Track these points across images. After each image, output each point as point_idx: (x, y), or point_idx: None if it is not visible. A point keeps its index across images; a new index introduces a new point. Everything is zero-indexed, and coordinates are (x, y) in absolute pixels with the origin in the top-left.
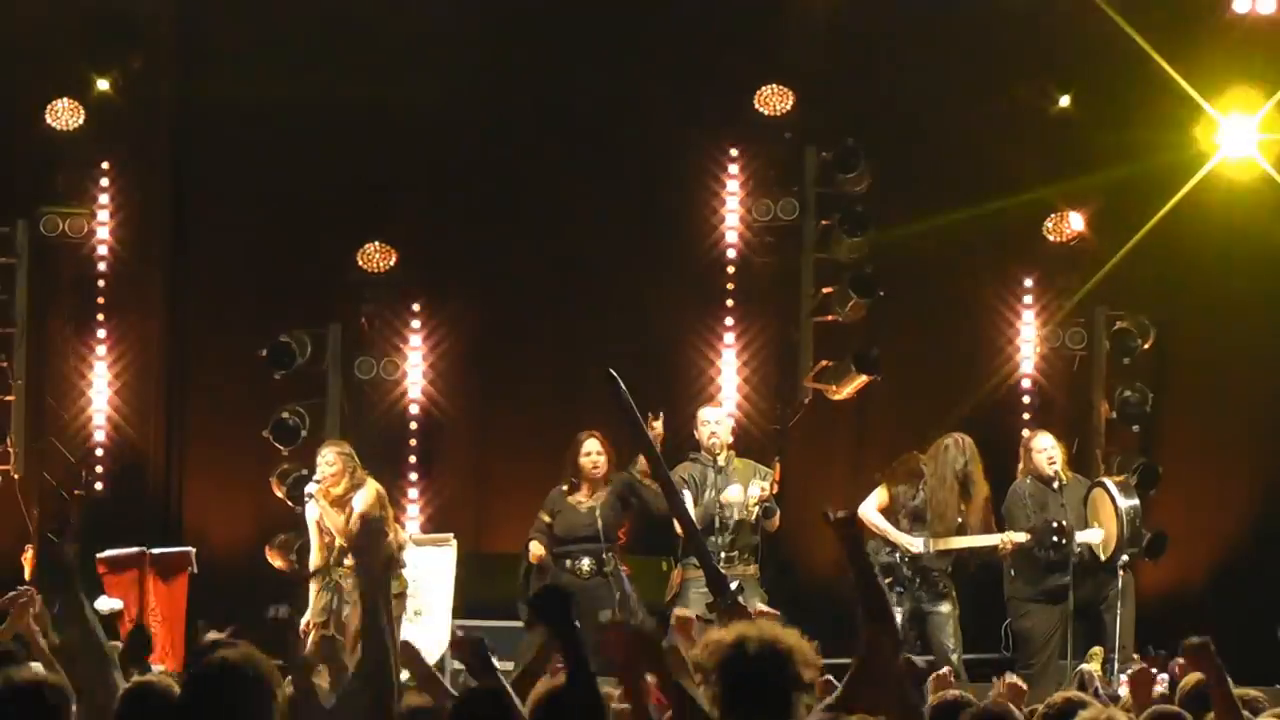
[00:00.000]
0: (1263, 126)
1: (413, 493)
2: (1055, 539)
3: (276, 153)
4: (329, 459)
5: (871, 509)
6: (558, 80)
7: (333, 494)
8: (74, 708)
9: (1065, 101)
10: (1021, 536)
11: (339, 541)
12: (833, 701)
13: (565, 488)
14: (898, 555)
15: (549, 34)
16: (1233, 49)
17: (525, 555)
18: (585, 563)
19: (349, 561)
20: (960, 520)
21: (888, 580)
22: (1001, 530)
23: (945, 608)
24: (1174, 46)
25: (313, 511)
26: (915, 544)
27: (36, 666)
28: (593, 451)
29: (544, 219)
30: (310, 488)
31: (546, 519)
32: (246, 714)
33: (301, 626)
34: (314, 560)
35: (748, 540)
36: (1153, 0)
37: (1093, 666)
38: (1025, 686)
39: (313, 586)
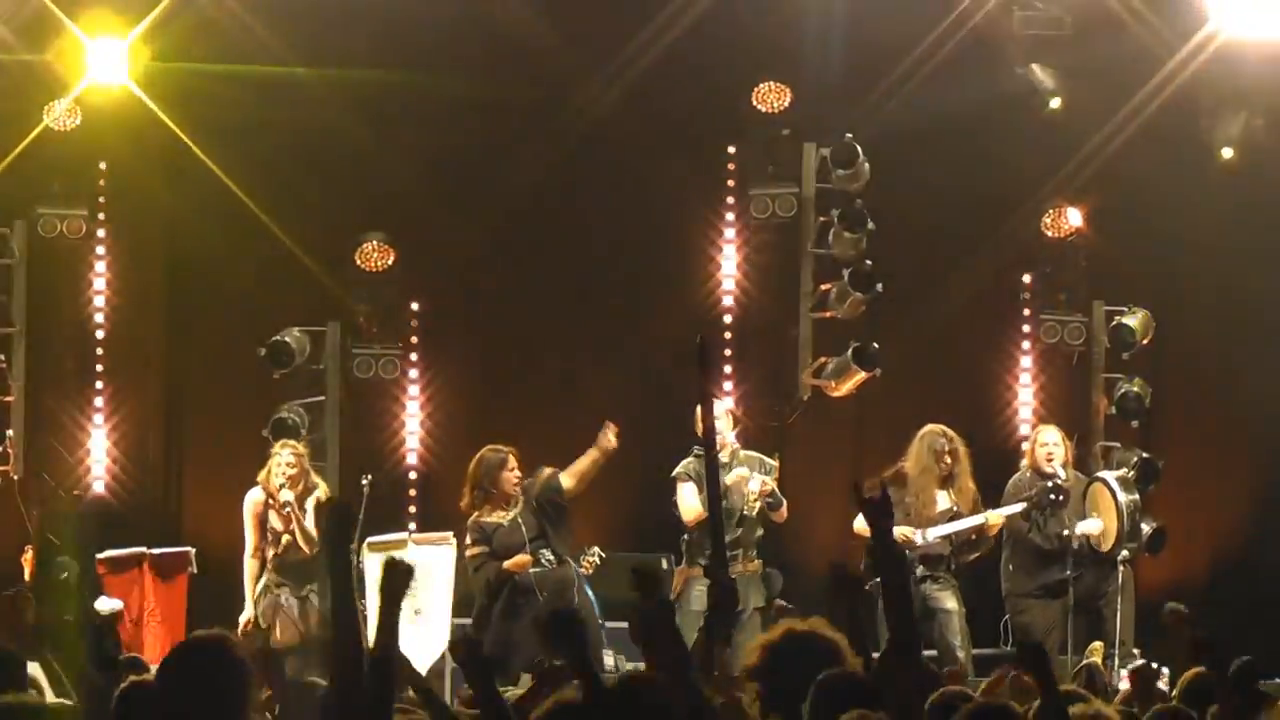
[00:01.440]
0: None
1: (413, 491)
2: (1054, 496)
3: (275, 151)
4: (289, 459)
5: (861, 520)
6: (556, 79)
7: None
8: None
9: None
10: (1018, 506)
11: (303, 544)
12: None
13: (478, 513)
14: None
15: (548, 34)
16: None
17: (497, 577)
18: (547, 553)
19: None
20: (953, 509)
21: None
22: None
23: (951, 604)
24: None
25: (253, 508)
26: (915, 534)
27: (33, 669)
28: (517, 468)
29: (542, 218)
30: (286, 494)
31: (485, 549)
32: (223, 693)
33: (241, 625)
34: (253, 561)
35: (752, 535)
36: None
37: (1094, 660)
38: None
39: (251, 585)
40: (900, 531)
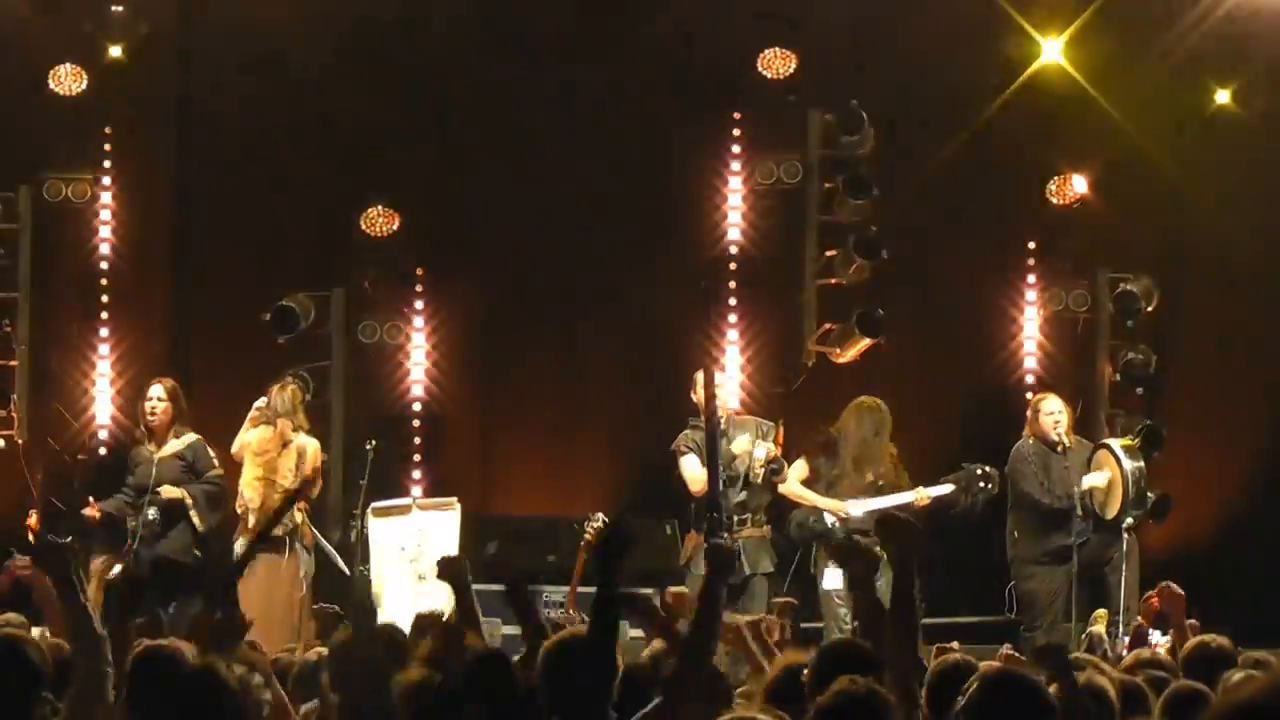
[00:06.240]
0: None
1: (417, 456)
2: (982, 484)
3: (280, 116)
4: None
5: (795, 483)
6: (561, 43)
7: None
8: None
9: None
10: (947, 488)
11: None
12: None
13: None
14: (829, 522)
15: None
16: None
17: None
18: None
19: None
20: (878, 481)
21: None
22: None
23: (882, 581)
24: None
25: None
26: (846, 507)
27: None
28: None
29: (547, 183)
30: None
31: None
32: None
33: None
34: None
35: (760, 500)
36: None
37: (1098, 629)
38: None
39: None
40: (832, 505)
